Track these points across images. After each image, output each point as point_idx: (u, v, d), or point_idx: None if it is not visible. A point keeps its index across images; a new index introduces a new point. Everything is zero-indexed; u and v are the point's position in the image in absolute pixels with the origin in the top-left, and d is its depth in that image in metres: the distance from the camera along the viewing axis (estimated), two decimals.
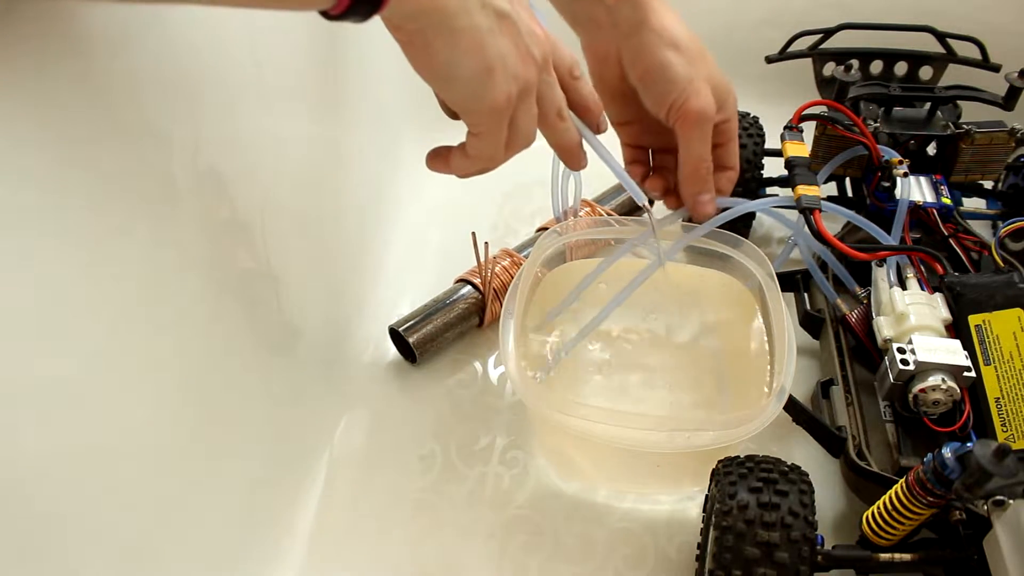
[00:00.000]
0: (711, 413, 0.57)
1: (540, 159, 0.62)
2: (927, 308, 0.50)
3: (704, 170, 0.48)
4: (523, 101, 0.41)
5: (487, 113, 0.40)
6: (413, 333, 0.63)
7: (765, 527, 0.42)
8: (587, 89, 0.47)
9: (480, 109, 0.40)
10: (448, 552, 0.54)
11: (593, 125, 0.48)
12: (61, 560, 0.36)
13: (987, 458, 0.37)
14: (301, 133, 0.57)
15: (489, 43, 0.38)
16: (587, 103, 0.47)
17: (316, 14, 0.36)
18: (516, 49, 0.39)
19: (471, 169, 0.44)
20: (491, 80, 0.38)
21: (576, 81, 0.46)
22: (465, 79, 0.38)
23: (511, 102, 0.40)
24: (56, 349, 0.35)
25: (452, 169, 0.44)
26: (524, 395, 0.50)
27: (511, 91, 0.39)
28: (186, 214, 0.44)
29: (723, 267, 0.59)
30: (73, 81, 0.36)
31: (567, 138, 0.46)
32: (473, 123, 0.41)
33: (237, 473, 0.50)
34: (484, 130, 0.41)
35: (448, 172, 0.45)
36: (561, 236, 0.59)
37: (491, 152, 0.42)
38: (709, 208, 0.49)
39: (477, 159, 0.43)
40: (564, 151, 0.47)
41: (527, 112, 0.42)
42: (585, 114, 0.47)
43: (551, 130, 0.45)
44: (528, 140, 0.43)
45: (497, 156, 0.43)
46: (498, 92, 0.39)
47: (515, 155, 0.44)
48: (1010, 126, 0.61)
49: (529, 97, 0.42)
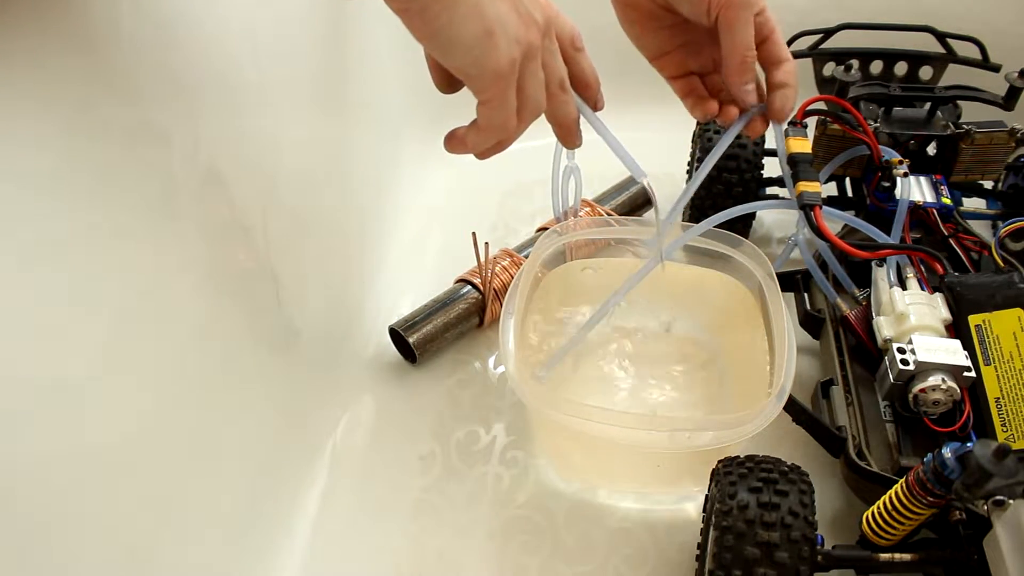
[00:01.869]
0: (711, 413, 0.57)
1: (540, 159, 0.62)
2: (927, 308, 0.50)
3: (751, 59, 0.48)
4: (528, 65, 0.41)
5: (491, 78, 0.39)
6: (413, 333, 0.63)
7: (765, 527, 0.42)
8: (588, 63, 0.47)
9: (483, 74, 0.39)
10: (448, 552, 0.54)
11: (592, 101, 0.48)
12: (61, 560, 0.36)
13: (987, 458, 0.37)
14: (302, 133, 0.57)
15: (487, 6, 0.37)
16: (587, 78, 0.47)
17: (316, 14, 0.36)
18: (516, 12, 0.39)
19: (486, 143, 0.43)
20: (491, 43, 0.38)
21: (578, 53, 0.46)
22: (465, 44, 0.38)
23: (515, 66, 0.39)
24: (56, 349, 0.35)
25: (469, 147, 0.44)
26: (524, 395, 0.50)
27: (514, 54, 0.39)
28: (186, 214, 0.44)
29: (723, 267, 0.59)
30: (73, 81, 0.36)
31: (565, 112, 0.46)
32: (479, 90, 0.40)
33: (237, 473, 0.50)
34: (491, 96, 0.40)
35: (466, 151, 0.44)
36: (561, 236, 0.59)
37: (502, 120, 0.41)
38: (753, 98, 0.49)
39: (490, 130, 0.42)
40: (561, 126, 0.47)
41: (534, 76, 0.41)
42: (584, 90, 0.47)
43: (552, 101, 0.45)
44: (539, 106, 0.43)
45: (509, 124, 0.42)
46: (500, 55, 0.38)
47: (528, 125, 0.43)
48: (1010, 126, 0.60)
49: (534, 61, 0.41)
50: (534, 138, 0.73)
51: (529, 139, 0.74)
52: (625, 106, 0.55)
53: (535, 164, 0.72)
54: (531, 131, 0.59)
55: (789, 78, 0.50)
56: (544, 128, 0.48)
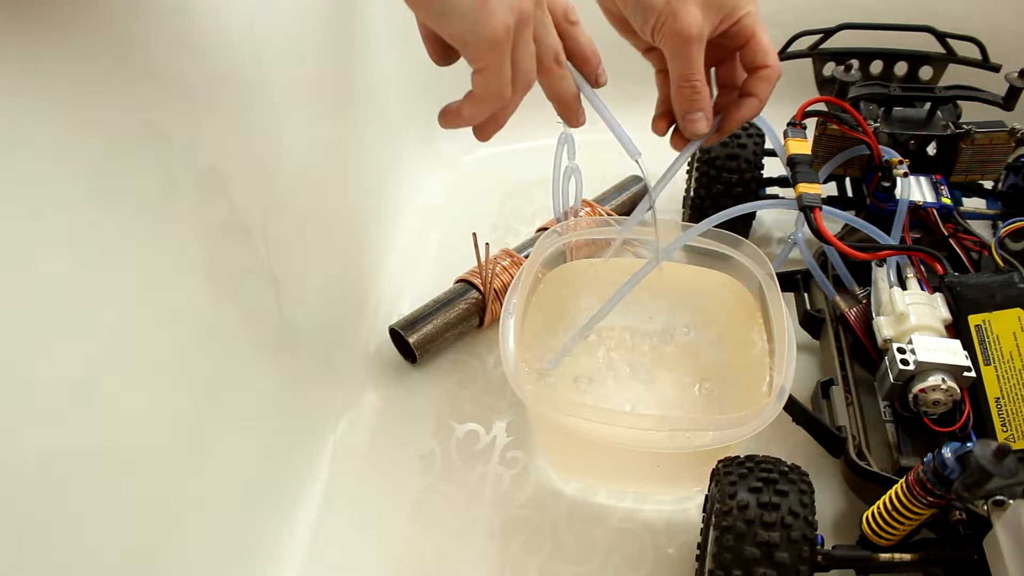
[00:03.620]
0: (711, 413, 0.57)
1: (540, 159, 0.62)
2: (927, 308, 0.50)
3: (688, 90, 0.47)
4: (520, 34, 0.41)
5: (487, 45, 0.39)
6: (413, 333, 0.63)
7: (765, 527, 0.42)
8: (585, 37, 0.46)
9: (478, 41, 0.39)
10: (448, 552, 0.54)
11: (592, 77, 0.47)
12: (61, 559, 0.36)
13: (987, 458, 0.37)
14: (302, 133, 0.57)
15: None
16: (585, 52, 0.46)
17: (316, 14, 0.36)
18: None
19: (482, 113, 0.43)
20: (486, 8, 0.38)
21: (573, 26, 0.46)
22: (461, 10, 0.38)
23: (510, 32, 0.39)
24: (56, 349, 0.35)
25: (464, 119, 0.43)
26: (524, 395, 0.50)
27: (508, 21, 0.39)
28: (186, 214, 0.44)
29: (723, 267, 0.59)
30: (73, 80, 0.36)
31: (563, 87, 0.45)
32: (475, 58, 0.40)
33: (237, 473, 0.50)
34: (487, 64, 0.40)
35: (462, 123, 0.44)
36: (561, 236, 0.59)
37: (498, 88, 0.41)
38: (699, 127, 0.48)
39: (486, 99, 0.42)
40: (561, 103, 0.46)
41: (525, 47, 0.41)
42: (583, 65, 0.47)
43: (548, 76, 0.44)
44: (529, 78, 0.43)
45: (504, 93, 0.42)
46: (496, 21, 0.38)
47: (520, 98, 0.43)
48: (1010, 126, 0.60)
49: (526, 30, 0.41)
50: (534, 138, 0.74)
51: (529, 139, 0.75)
52: (622, 89, 0.54)
53: (535, 164, 0.72)
54: (531, 131, 0.59)
55: (759, 88, 0.48)
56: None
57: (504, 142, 0.56)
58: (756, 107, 0.49)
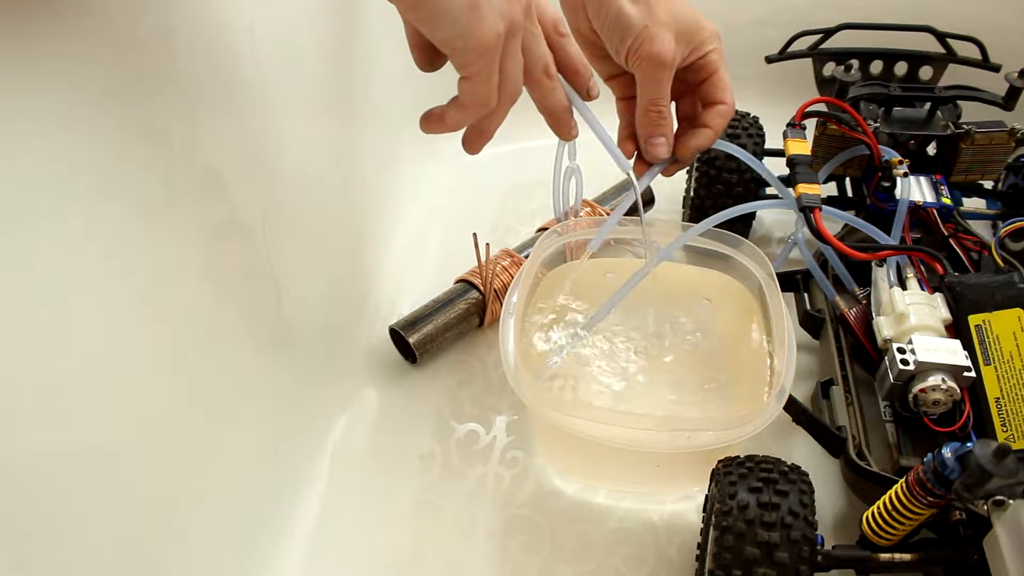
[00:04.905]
0: (711, 413, 0.57)
1: (540, 159, 0.62)
2: (927, 308, 0.50)
3: (654, 113, 0.48)
4: (509, 44, 0.41)
5: (477, 51, 0.39)
6: (413, 333, 0.63)
7: (765, 527, 0.42)
8: (575, 49, 0.47)
9: (468, 47, 0.39)
10: (448, 552, 0.54)
11: (583, 89, 0.47)
12: (61, 560, 0.36)
13: (987, 458, 0.37)
14: (302, 133, 0.57)
15: None
16: (575, 65, 0.46)
17: (316, 14, 0.36)
18: None
19: (466, 120, 0.43)
20: (477, 15, 0.38)
21: (562, 38, 0.46)
22: (452, 15, 0.38)
23: (500, 39, 0.39)
24: (56, 349, 0.35)
25: (447, 124, 0.43)
26: (524, 395, 0.50)
27: (499, 28, 0.39)
28: (186, 214, 0.44)
29: (723, 267, 0.59)
30: (73, 81, 0.36)
31: (554, 99, 0.45)
32: (464, 64, 0.40)
33: (237, 473, 0.50)
34: (476, 71, 0.40)
35: (444, 129, 0.44)
36: (561, 236, 0.59)
37: (484, 95, 0.41)
38: (660, 151, 0.49)
39: (472, 106, 0.42)
40: (552, 115, 0.46)
41: (513, 56, 0.41)
42: (574, 77, 0.47)
43: (538, 87, 0.44)
44: (516, 88, 0.43)
45: (490, 101, 0.42)
46: (486, 27, 0.38)
47: (506, 108, 0.43)
48: (1010, 126, 0.61)
49: (515, 40, 0.41)
50: (534, 138, 0.73)
51: (529, 139, 0.75)
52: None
53: (535, 164, 0.72)
54: (530, 131, 0.59)
55: (714, 121, 0.50)
56: (544, 128, 0.48)
57: (504, 142, 0.56)
58: (711, 137, 0.50)
